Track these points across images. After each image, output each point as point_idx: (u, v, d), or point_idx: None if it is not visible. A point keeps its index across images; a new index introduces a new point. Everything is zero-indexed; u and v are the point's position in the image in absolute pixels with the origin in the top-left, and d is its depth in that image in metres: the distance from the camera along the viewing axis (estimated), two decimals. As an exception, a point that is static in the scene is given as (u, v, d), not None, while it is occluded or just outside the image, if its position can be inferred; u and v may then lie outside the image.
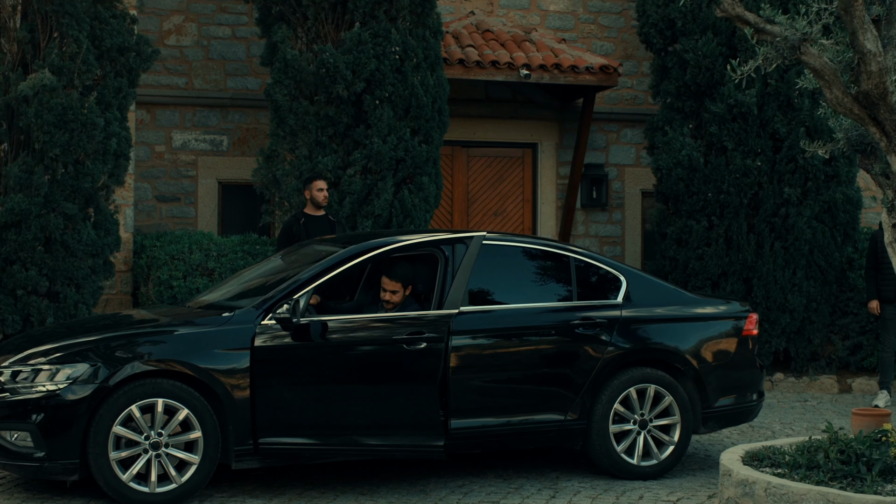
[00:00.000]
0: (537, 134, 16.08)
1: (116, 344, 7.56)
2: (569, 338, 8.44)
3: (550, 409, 8.38)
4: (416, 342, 7.94)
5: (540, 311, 8.49)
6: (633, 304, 8.70)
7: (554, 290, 8.65)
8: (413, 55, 12.62)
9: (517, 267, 8.64)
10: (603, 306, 8.63)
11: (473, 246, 8.37)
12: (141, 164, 14.64)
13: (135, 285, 13.34)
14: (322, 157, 12.44)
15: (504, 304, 8.47)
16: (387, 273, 8.07)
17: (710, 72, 13.49)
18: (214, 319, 7.80)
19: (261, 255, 12.53)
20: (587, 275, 8.74)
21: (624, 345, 8.57)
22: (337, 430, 7.79)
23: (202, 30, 14.99)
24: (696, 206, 13.60)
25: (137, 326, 7.98)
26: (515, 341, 8.33)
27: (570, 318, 8.49)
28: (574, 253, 8.76)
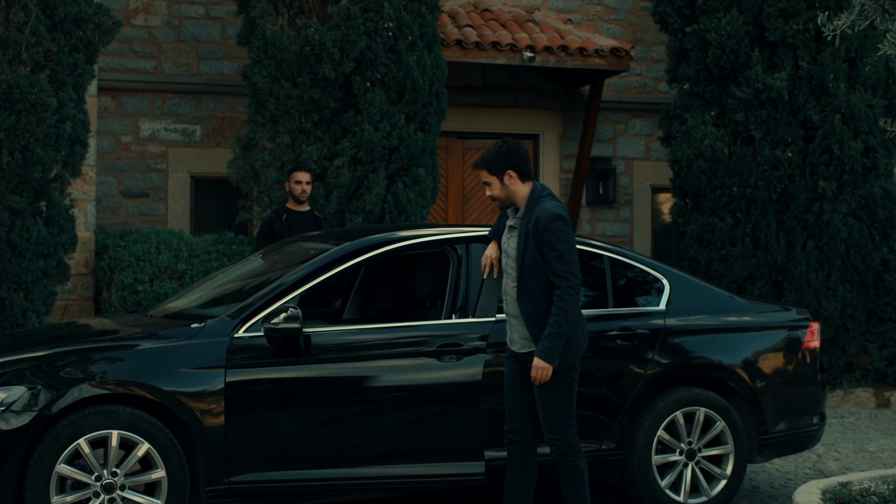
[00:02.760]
0: (539, 124, 14.79)
1: (62, 362, 6.20)
2: (605, 352, 7.14)
3: (583, 436, 7.03)
4: (453, 356, 6.74)
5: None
6: (678, 312, 7.39)
7: (586, 294, 7.33)
8: (408, 32, 11.29)
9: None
10: (643, 314, 7.33)
11: (476, 247, 7.06)
12: (105, 155, 13.27)
13: (97, 290, 11.97)
14: (306, 145, 11.10)
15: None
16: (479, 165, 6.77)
17: (734, 53, 12.23)
18: (181, 332, 6.44)
19: (237, 256, 11.20)
20: (625, 277, 7.42)
21: (668, 360, 7.27)
22: (345, 461, 6.52)
23: (173, 8, 13.66)
24: (719, 201, 12.32)
25: (91, 340, 6.63)
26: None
27: (606, 328, 7.17)
28: (610, 251, 7.43)
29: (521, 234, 6.18)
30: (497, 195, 6.30)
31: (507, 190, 6.28)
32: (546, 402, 6.19)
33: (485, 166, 6.31)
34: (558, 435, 6.19)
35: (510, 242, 6.27)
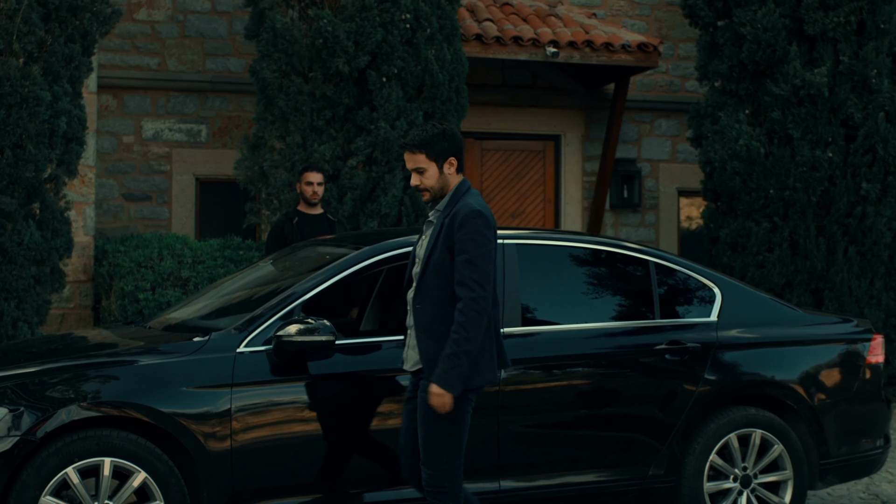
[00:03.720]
0: (561, 124, 14.11)
1: (50, 379, 5.51)
2: (652, 368, 6.45)
3: (627, 462, 6.38)
4: None
5: (612, 333, 6.49)
6: (731, 324, 6.70)
7: (629, 305, 6.65)
8: (426, 24, 10.61)
9: (577, 275, 6.63)
10: (693, 326, 6.63)
11: (510, 247, 6.36)
12: (106, 157, 12.62)
13: (96, 298, 11.30)
14: (318, 144, 10.43)
15: (563, 324, 6.44)
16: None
17: (771, 48, 11.54)
18: (183, 346, 5.75)
19: (245, 262, 10.54)
20: (671, 285, 6.73)
21: (721, 377, 6.58)
22: (373, 488, 5.88)
23: (177, 2, 13.03)
24: (755, 204, 11.62)
25: (84, 354, 5.96)
26: (581, 373, 6.32)
27: (652, 341, 6.48)
28: (655, 256, 6.74)
29: (436, 229, 5.34)
30: (432, 185, 5.39)
31: (444, 180, 5.40)
32: (425, 430, 5.29)
33: (423, 149, 5.35)
34: (431, 470, 5.28)
35: (422, 242, 5.47)
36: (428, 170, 5.37)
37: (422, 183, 5.38)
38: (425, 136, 5.37)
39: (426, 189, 5.40)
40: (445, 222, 5.32)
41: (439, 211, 5.40)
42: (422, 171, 5.38)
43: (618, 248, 6.71)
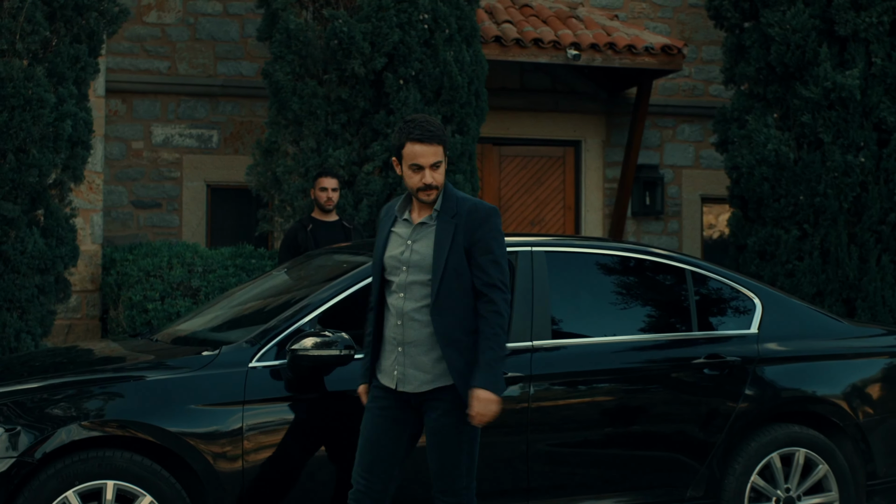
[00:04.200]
0: (581, 130, 13.74)
1: (51, 397, 5.16)
2: (690, 383, 6.07)
3: (664, 483, 6.01)
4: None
5: (647, 346, 6.11)
6: (773, 336, 6.32)
7: (664, 316, 6.28)
8: (445, 25, 10.26)
9: (609, 284, 6.26)
10: (732, 339, 6.25)
11: (539, 255, 5.98)
12: (114, 163, 12.29)
13: (104, 308, 10.95)
14: (333, 149, 10.07)
15: (594, 336, 6.06)
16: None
17: (800, 49, 11.16)
18: (191, 360, 5.39)
19: (257, 271, 10.18)
20: (710, 295, 6.35)
21: (763, 393, 6.20)
22: None
23: (188, 5, 12.68)
24: (784, 211, 11.23)
25: (88, 369, 5.61)
26: (614, 389, 5.94)
27: (691, 355, 6.11)
28: (691, 264, 6.35)
29: (444, 230, 4.87)
30: (441, 183, 4.92)
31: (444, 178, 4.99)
32: (445, 455, 4.89)
33: (443, 142, 4.90)
34: (453, 498, 4.92)
35: (417, 245, 4.90)
36: (442, 165, 4.91)
37: (435, 180, 4.87)
38: (440, 128, 4.96)
39: (437, 187, 4.91)
40: (459, 223, 4.90)
41: (438, 210, 4.91)
42: (437, 166, 4.87)
43: (652, 255, 6.33)
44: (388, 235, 5.00)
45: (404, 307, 4.92)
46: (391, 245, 4.98)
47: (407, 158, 4.88)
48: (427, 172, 4.87)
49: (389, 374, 4.97)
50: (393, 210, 5.06)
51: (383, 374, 4.99)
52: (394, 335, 4.95)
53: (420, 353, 4.91)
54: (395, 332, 4.94)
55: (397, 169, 4.98)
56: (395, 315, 4.94)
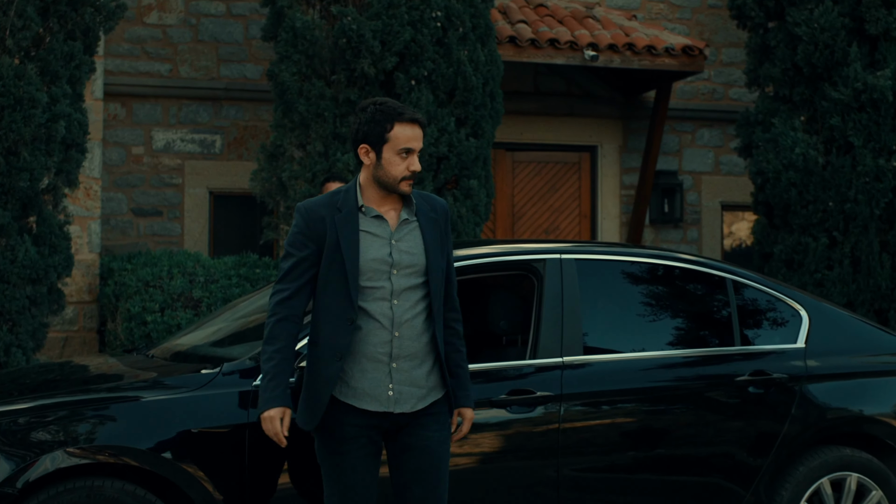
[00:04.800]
0: (597, 135, 13.26)
1: (36, 419, 4.68)
2: (733, 403, 5.58)
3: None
4: (525, 407, 5.21)
5: (686, 363, 5.61)
6: (821, 351, 5.83)
7: (705, 329, 5.79)
8: (458, 23, 9.78)
9: (644, 295, 5.77)
10: (778, 354, 5.76)
11: (568, 263, 5.50)
12: (114, 169, 11.82)
13: (101, 321, 10.47)
14: (341, 153, 9.59)
15: (628, 352, 5.57)
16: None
17: (829, 49, 10.69)
18: (189, 379, 4.91)
19: (262, 281, 9.70)
20: (752, 306, 5.86)
21: (811, 412, 5.71)
22: None
23: (190, 5, 12.21)
24: (812, 218, 10.74)
25: (81, 389, 5.13)
26: (651, 410, 5.45)
27: (734, 371, 5.62)
28: (733, 273, 5.86)
29: (429, 228, 4.46)
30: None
31: None
32: (440, 475, 4.45)
33: (424, 126, 4.48)
34: None
35: (403, 245, 4.40)
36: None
37: (420, 168, 4.45)
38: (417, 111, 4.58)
39: (418, 175, 4.62)
40: (438, 220, 4.51)
41: (415, 206, 4.46)
42: (414, 152, 4.42)
43: (689, 263, 5.84)
44: (355, 235, 4.38)
45: (401, 316, 4.39)
46: (368, 246, 4.38)
47: (396, 142, 4.36)
48: (416, 158, 4.42)
49: (376, 396, 4.37)
50: (349, 205, 4.40)
51: (362, 397, 4.36)
52: (382, 350, 4.37)
53: (414, 366, 4.42)
54: (382, 346, 4.37)
55: (367, 157, 4.41)
56: (385, 326, 4.37)
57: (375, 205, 4.45)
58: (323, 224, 4.40)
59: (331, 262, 4.38)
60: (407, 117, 4.40)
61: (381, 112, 4.40)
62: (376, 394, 4.37)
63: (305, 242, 4.41)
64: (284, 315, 4.41)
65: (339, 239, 4.37)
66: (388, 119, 4.38)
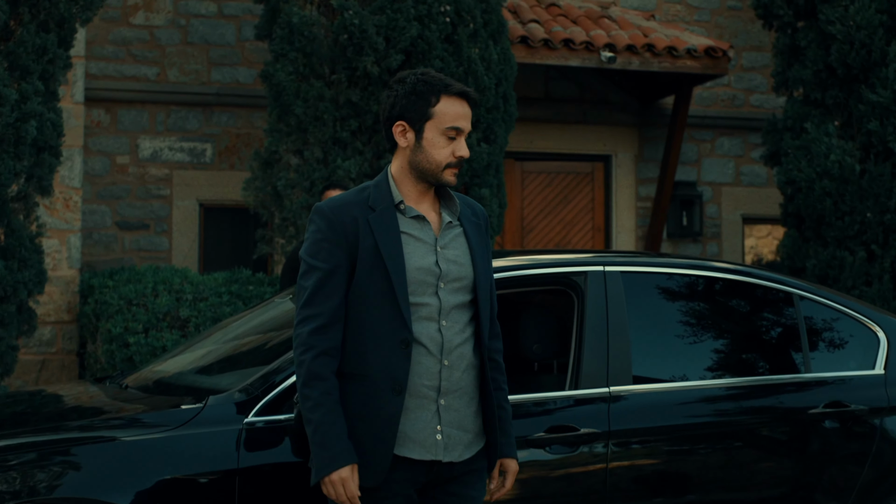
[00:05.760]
0: (611, 143, 12.51)
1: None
2: (806, 439, 4.79)
3: (774, 567, 4.71)
4: (567, 446, 4.36)
5: (750, 392, 4.82)
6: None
7: (770, 353, 5.01)
8: (469, 19, 9.04)
9: (698, 314, 4.99)
10: (855, 381, 4.96)
11: (613, 277, 4.71)
12: (97, 179, 11.05)
13: (81, 342, 9.68)
14: (342, 159, 8.83)
15: (683, 380, 4.78)
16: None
17: (865, 48, 9.95)
18: (169, 416, 4.10)
19: (256, 299, 8.93)
20: (824, 326, 5.07)
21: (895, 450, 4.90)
22: None
23: (179, 5, 11.47)
24: (848, 230, 9.98)
25: (51, 427, 4.34)
26: (712, 447, 4.66)
27: (805, 403, 4.82)
28: (801, 288, 5.07)
29: (475, 233, 3.68)
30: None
31: None
32: None
33: (475, 104, 3.73)
34: None
35: (448, 252, 3.60)
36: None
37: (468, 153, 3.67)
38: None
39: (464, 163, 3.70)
40: (480, 225, 3.73)
41: (458, 209, 3.67)
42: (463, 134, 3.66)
43: (752, 277, 5.04)
44: (397, 238, 3.56)
45: (451, 340, 3.57)
46: (411, 252, 3.56)
47: (442, 119, 3.56)
48: (464, 142, 3.63)
49: (422, 441, 3.54)
50: (383, 202, 3.58)
51: (405, 443, 3.53)
52: (429, 383, 3.54)
53: (463, 404, 3.60)
54: (429, 377, 3.53)
55: (403, 137, 3.59)
56: (433, 352, 3.54)
57: (413, 202, 3.63)
58: (355, 226, 3.54)
59: (370, 272, 3.52)
60: (456, 90, 3.61)
61: (425, 83, 3.59)
62: (422, 438, 3.53)
63: (333, 251, 3.53)
64: (324, 348, 3.50)
65: (377, 243, 3.53)
66: (433, 91, 3.58)
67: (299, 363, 3.50)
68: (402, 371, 3.48)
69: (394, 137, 3.62)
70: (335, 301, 3.52)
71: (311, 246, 3.56)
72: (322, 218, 3.57)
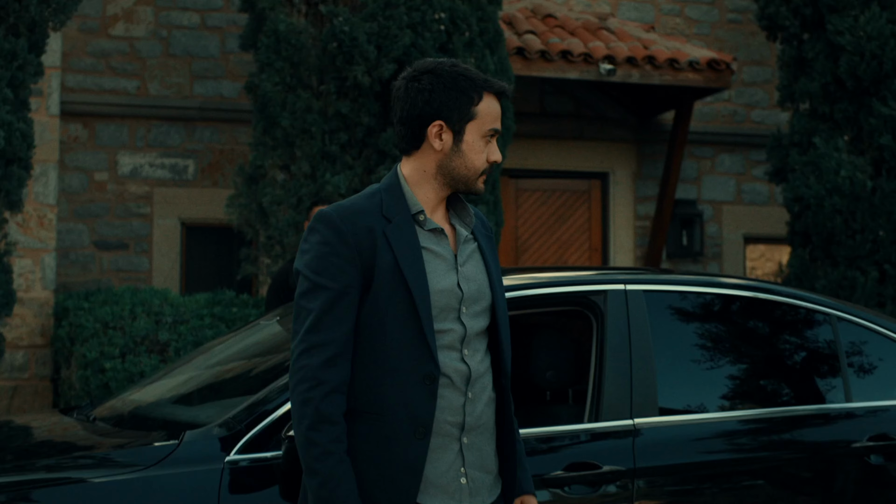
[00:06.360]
0: (609, 160, 12.08)
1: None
2: (850, 476, 4.32)
3: None
4: (588, 486, 3.91)
5: (789, 423, 4.36)
6: (950, 407, 4.58)
7: (805, 380, 4.56)
8: (464, 26, 8.61)
9: (727, 337, 4.54)
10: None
11: (635, 296, 4.25)
12: (74, 197, 10.57)
13: (55, 367, 9.18)
14: (331, 174, 8.39)
15: (713, 412, 4.32)
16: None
17: (877, 60, 9.56)
18: (139, 454, 3.62)
19: (240, 322, 8.46)
20: (863, 351, 4.61)
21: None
22: None
23: (160, 16, 11.02)
24: (860, 249, 9.56)
25: (13, 465, 3.86)
26: (746, 485, 4.19)
27: (848, 436, 4.38)
28: (840, 310, 4.62)
29: (490, 248, 3.21)
30: None
31: None
32: None
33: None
34: None
35: (467, 269, 3.11)
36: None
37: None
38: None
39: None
40: (492, 237, 3.26)
41: (473, 221, 3.18)
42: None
43: (786, 296, 4.59)
44: (418, 255, 3.04)
45: (477, 370, 3.08)
46: (433, 270, 3.05)
47: (483, 120, 3.05)
48: (496, 145, 3.14)
49: (445, 486, 3.03)
50: (399, 212, 3.06)
51: (426, 489, 3.01)
52: (452, 419, 3.03)
53: (484, 441, 3.11)
54: (452, 413, 3.03)
55: (438, 139, 3.06)
56: (457, 385, 3.04)
57: (428, 212, 3.13)
58: (370, 238, 3.01)
59: (389, 294, 2.99)
60: (496, 87, 3.11)
61: (467, 77, 3.08)
62: (445, 482, 3.02)
63: (344, 267, 3.00)
64: (335, 385, 2.96)
65: (396, 259, 3.02)
66: (475, 87, 3.07)
67: (304, 401, 2.95)
68: (425, 410, 2.97)
69: (419, 138, 3.09)
70: (346, 327, 3.00)
71: (317, 260, 3.01)
72: (330, 227, 3.02)
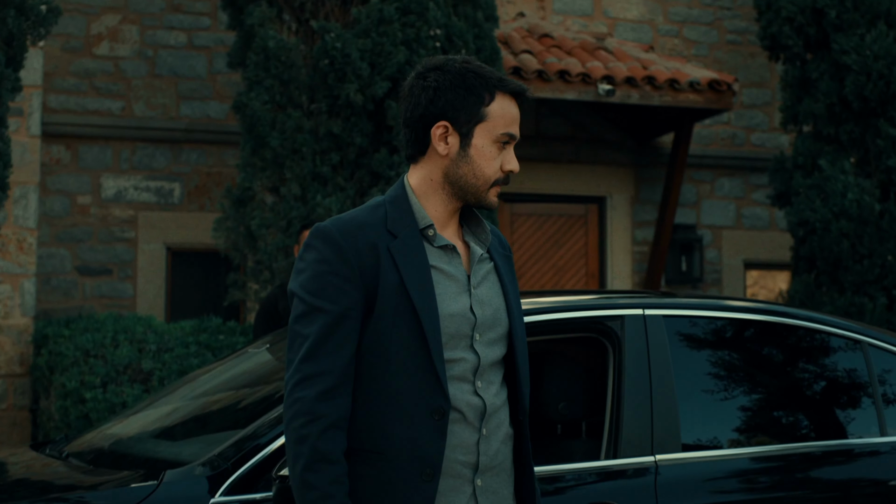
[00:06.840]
0: (606, 184, 11.79)
1: None
2: (888, 517, 4.00)
3: None
4: None
5: (820, 459, 4.04)
6: None
7: (836, 411, 4.24)
8: (461, 43, 8.32)
9: (751, 365, 4.23)
10: (938, 446, 4.19)
11: (655, 321, 3.93)
12: (56, 221, 10.24)
13: (34, 397, 8.83)
14: (322, 196, 8.06)
15: (738, 447, 4.00)
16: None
17: (884, 80, 9.31)
18: (115, 496, 3.29)
19: (227, 349, 8.11)
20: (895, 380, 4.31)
21: None
22: None
23: (146, 35, 10.71)
24: (868, 274, 9.29)
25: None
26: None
27: (884, 472, 4.05)
28: (871, 336, 4.31)
29: (507, 269, 2.92)
30: None
31: None
32: None
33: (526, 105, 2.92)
34: None
35: (481, 292, 2.80)
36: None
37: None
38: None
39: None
40: (509, 257, 2.97)
41: (487, 237, 2.86)
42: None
43: (813, 321, 4.28)
44: (427, 275, 2.73)
45: (493, 404, 2.76)
46: (443, 292, 2.75)
47: (496, 122, 2.76)
48: (513, 153, 2.83)
49: None
50: (406, 226, 2.76)
51: None
52: (464, 458, 2.71)
53: (501, 483, 2.78)
54: (465, 452, 2.71)
55: (443, 143, 2.76)
56: (470, 421, 2.71)
57: (439, 227, 2.81)
58: (373, 256, 2.71)
59: (394, 319, 2.67)
60: (512, 87, 2.81)
61: (476, 74, 2.78)
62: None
63: (343, 288, 2.69)
64: (334, 420, 2.65)
65: (402, 280, 2.69)
66: (486, 86, 2.77)
67: (299, 439, 2.63)
68: (434, 449, 2.65)
69: (424, 141, 2.79)
70: (346, 355, 2.68)
71: (313, 280, 2.70)
72: (328, 243, 2.71)
